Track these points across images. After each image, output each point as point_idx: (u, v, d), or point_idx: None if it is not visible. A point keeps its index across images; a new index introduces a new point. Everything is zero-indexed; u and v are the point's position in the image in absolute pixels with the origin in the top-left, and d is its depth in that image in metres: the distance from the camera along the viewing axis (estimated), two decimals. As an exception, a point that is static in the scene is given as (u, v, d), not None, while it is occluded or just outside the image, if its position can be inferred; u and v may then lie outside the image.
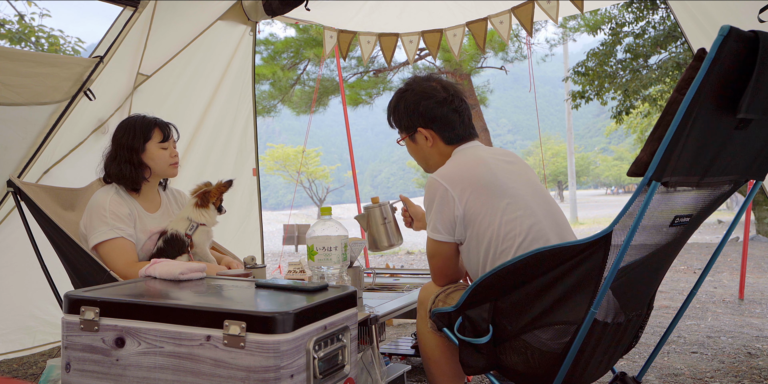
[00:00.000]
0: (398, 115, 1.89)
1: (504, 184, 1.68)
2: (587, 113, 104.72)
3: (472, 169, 1.70)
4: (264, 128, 62.38)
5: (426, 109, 1.80)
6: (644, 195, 1.29)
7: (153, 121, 2.20)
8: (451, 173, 1.70)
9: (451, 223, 1.67)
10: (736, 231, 13.15)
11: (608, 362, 1.69)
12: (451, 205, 1.65)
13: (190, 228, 2.17)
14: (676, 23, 4.61)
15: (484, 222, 1.64)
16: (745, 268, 4.52)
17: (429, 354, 1.76)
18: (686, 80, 1.26)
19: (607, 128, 35.46)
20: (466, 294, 1.55)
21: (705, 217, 1.59)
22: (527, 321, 1.50)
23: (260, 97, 11.21)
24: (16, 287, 3.07)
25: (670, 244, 1.52)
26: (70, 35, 11.76)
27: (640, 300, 1.63)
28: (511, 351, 1.54)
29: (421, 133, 1.84)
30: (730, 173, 1.48)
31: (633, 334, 1.73)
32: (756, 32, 1.22)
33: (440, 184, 1.68)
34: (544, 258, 1.44)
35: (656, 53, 10.04)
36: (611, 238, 1.36)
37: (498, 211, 1.64)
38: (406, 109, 1.84)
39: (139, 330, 1.30)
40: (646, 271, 1.54)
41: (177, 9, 3.07)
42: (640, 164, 1.31)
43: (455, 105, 1.82)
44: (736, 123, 1.32)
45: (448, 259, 1.75)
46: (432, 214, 1.70)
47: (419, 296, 1.83)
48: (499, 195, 1.65)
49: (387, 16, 4.01)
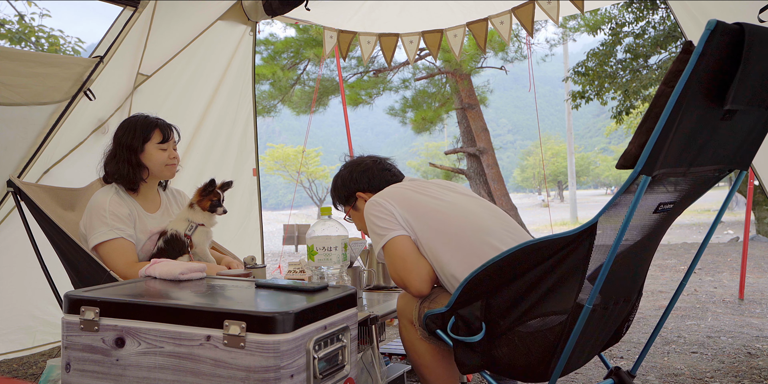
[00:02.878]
0: (337, 191, 2.05)
1: (430, 193, 1.83)
2: (587, 113, 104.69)
3: (397, 189, 1.87)
4: (264, 128, 62.34)
5: (360, 175, 2.00)
6: (634, 188, 1.29)
7: (154, 122, 2.19)
8: (384, 193, 1.85)
9: (394, 219, 1.75)
10: (737, 231, 13.16)
11: (592, 349, 1.69)
12: (388, 209, 1.77)
13: (189, 228, 2.17)
14: (676, 23, 4.62)
15: (421, 214, 1.75)
16: (745, 268, 4.52)
17: (420, 360, 1.75)
18: (674, 73, 1.27)
19: (607, 128, 35.48)
20: (456, 293, 1.55)
21: (689, 204, 1.60)
22: (518, 314, 1.51)
23: (260, 97, 11.22)
24: (16, 287, 3.07)
25: (653, 230, 1.53)
26: (70, 35, 11.77)
27: (625, 286, 1.63)
28: (504, 344, 1.54)
29: (362, 198, 1.99)
30: (715, 163, 1.48)
31: (620, 319, 1.73)
32: (741, 25, 1.23)
33: (371, 202, 1.81)
34: (532, 251, 1.45)
35: (656, 53, 10.04)
36: (596, 229, 1.38)
37: (429, 208, 1.77)
38: (344, 183, 2.03)
39: (139, 330, 1.30)
40: (629, 257, 1.54)
41: (177, 9, 3.07)
42: (629, 157, 1.32)
43: (381, 163, 2.04)
44: (722, 114, 1.33)
45: (412, 253, 1.72)
46: (373, 226, 1.78)
47: (398, 305, 1.81)
48: (427, 200, 1.80)
49: (387, 15, 4.01)
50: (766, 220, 10.54)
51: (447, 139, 29.92)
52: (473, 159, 11.45)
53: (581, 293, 1.44)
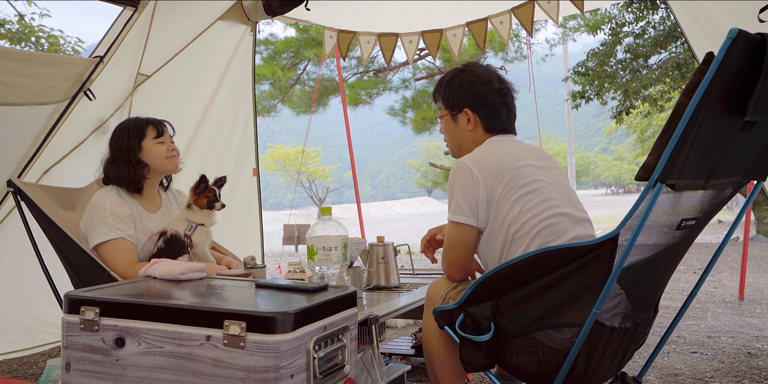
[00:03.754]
0: (449, 91, 1.86)
1: (529, 176, 1.68)
2: (587, 113, 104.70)
3: (500, 157, 1.71)
4: (264, 128, 62.38)
5: (480, 93, 1.81)
6: (650, 196, 1.29)
7: (145, 120, 2.22)
8: (478, 158, 1.71)
9: (474, 205, 1.66)
10: (737, 231, 13.17)
11: (618, 365, 1.69)
12: (476, 188, 1.65)
13: (189, 228, 2.17)
14: (676, 23, 4.62)
15: (504, 208, 1.64)
16: (745, 268, 4.52)
17: (433, 351, 1.75)
18: (694, 84, 1.26)
19: (607, 128, 35.46)
20: (469, 290, 1.55)
21: (709, 219, 1.59)
22: (531, 320, 1.50)
23: (260, 97, 11.22)
24: (16, 287, 3.06)
25: (675, 247, 1.52)
26: (70, 35, 11.76)
27: (646, 303, 1.63)
28: (522, 350, 1.53)
29: (466, 115, 1.83)
30: (733, 175, 1.48)
31: (641, 337, 1.73)
32: (763, 35, 1.22)
33: (467, 167, 1.68)
34: (550, 257, 1.44)
35: (656, 53, 10.03)
36: (618, 240, 1.36)
37: (520, 199, 1.64)
38: (460, 88, 1.83)
39: (139, 330, 1.30)
40: (652, 274, 1.54)
41: (177, 9, 3.07)
42: (648, 168, 1.31)
43: (507, 98, 1.85)
44: (742, 125, 1.32)
45: (468, 249, 1.72)
46: (455, 196, 1.69)
47: (428, 292, 1.80)
48: (522, 185, 1.66)
49: (386, 15, 4.01)
50: (766, 220, 10.54)
51: (447, 139, 29.81)
52: (473, 159, 11.43)
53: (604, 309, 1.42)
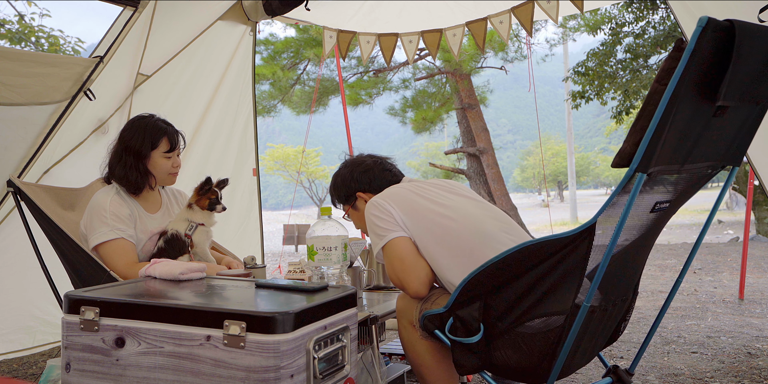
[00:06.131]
0: (336, 190, 2.05)
1: (431, 197, 1.82)
2: (587, 113, 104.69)
3: (398, 190, 1.86)
4: (264, 128, 62.33)
5: (360, 174, 1.99)
6: (630, 186, 1.30)
7: (164, 129, 2.17)
8: (382, 195, 1.85)
9: (393, 220, 1.76)
10: (737, 231, 13.16)
11: (593, 349, 1.70)
12: (388, 210, 1.77)
13: (189, 228, 2.17)
14: (676, 23, 4.61)
15: (420, 218, 1.75)
16: (745, 268, 4.52)
17: (420, 361, 1.75)
18: (666, 70, 1.28)
19: (607, 128, 35.47)
20: (455, 294, 1.55)
21: (683, 203, 1.60)
22: (517, 315, 1.51)
23: (260, 97, 11.21)
24: (16, 287, 3.07)
25: (649, 229, 1.54)
26: (70, 35, 11.76)
27: (622, 286, 1.64)
28: (504, 345, 1.54)
29: (361, 198, 1.99)
30: (708, 159, 1.49)
31: (618, 319, 1.73)
32: (732, 21, 1.23)
33: (372, 203, 1.81)
34: (531, 252, 1.45)
35: (656, 53, 10.03)
36: (596, 229, 1.38)
37: (429, 212, 1.76)
38: (343, 182, 2.02)
39: (139, 330, 1.30)
40: (627, 257, 1.54)
41: (177, 9, 3.07)
42: (624, 155, 1.32)
43: (384, 164, 2.04)
44: (714, 110, 1.33)
45: (410, 255, 1.72)
46: (374, 227, 1.78)
47: (397, 306, 1.80)
48: (427, 204, 1.79)
49: (386, 15, 4.01)
50: (766, 220, 10.54)
51: (447, 139, 29.93)
52: (473, 159, 11.45)
53: (580, 293, 1.44)
